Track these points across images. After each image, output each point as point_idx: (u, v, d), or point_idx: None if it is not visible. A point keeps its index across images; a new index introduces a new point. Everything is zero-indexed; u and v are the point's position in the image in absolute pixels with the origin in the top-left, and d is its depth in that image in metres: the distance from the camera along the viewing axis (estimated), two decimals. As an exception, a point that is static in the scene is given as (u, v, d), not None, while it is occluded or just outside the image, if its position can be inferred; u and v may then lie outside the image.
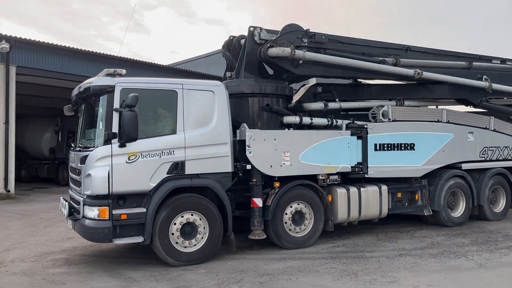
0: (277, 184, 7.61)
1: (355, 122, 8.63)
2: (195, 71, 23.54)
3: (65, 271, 6.65)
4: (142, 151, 6.48)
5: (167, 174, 6.66)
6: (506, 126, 10.78)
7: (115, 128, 6.36)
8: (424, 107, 10.17)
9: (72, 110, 7.80)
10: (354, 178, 8.57)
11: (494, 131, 10.47)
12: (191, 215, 6.77)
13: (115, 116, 6.37)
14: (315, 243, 7.94)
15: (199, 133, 6.96)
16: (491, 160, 10.37)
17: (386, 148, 8.75)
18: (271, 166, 7.49)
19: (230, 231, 7.12)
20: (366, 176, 8.55)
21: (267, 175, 7.50)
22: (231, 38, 9.19)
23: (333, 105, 8.88)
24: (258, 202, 7.38)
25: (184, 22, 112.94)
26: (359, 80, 10.25)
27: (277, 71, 8.67)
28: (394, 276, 6.19)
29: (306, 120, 8.30)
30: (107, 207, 6.28)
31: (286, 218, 7.67)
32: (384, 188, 8.71)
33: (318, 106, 8.72)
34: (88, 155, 6.47)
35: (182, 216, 6.71)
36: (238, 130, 7.49)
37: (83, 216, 6.51)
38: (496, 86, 10.51)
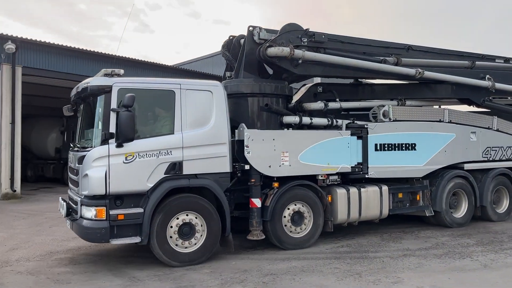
0: (276, 184, 7.58)
1: (355, 122, 8.58)
2: (200, 71, 23.51)
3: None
4: (139, 151, 6.48)
5: (165, 174, 6.65)
6: (509, 126, 10.67)
7: (112, 128, 6.35)
8: (425, 106, 10.08)
9: (71, 110, 7.85)
10: (354, 178, 8.51)
11: (497, 131, 10.37)
12: (186, 215, 6.75)
13: (112, 116, 6.36)
14: (315, 243, 7.90)
15: (197, 133, 6.94)
16: (494, 160, 10.27)
17: (386, 148, 8.69)
18: (270, 166, 7.46)
19: (228, 232, 7.10)
20: (366, 176, 8.49)
21: (266, 175, 7.48)
22: (231, 37, 9.14)
23: (333, 105, 8.84)
24: (257, 202, 7.36)
25: (191, 23, 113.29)
26: (360, 80, 10.21)
27: (276, 71, 8.64)
28: (398, 276, 6.16)
29: (306, 120, 8.26)
30: (104, 207, 6.28)
31: (285, 218, 7.63)
32: (384, 188, 8.65)
33: (318, 106, 8.68)
34: (85, 155, 6.48)
35: (177, 218, 6.70)
36: (236, 130, 7.48)
37: (81, 216, 6.53)
38: (499, 86, 10.42)
